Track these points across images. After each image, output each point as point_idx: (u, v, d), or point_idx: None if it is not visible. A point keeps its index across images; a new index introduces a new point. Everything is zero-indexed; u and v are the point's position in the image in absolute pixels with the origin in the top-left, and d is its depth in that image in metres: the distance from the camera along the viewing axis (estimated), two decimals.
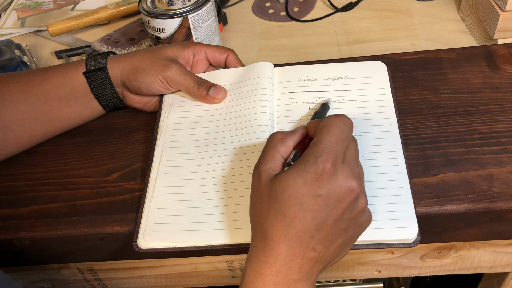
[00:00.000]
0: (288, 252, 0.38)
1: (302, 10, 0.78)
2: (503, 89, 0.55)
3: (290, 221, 0.38)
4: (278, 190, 0.39)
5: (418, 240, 0.43)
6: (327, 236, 0.39)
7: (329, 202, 0.38)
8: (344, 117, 0.42)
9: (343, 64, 0.57)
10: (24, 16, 0.87)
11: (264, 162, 0.41)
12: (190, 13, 0.62)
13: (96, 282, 0.62)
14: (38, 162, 0.56)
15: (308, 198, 0.38)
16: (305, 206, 0.38)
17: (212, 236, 0.46)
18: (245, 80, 0.56)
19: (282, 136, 0.43)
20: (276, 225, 0.38)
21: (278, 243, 0.38)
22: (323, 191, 0.38)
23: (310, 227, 0.38)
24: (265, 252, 0.39)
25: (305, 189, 0.38)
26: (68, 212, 0.51)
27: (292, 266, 0.38)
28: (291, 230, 0.38)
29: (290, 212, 0.38)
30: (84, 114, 0.58)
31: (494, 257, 0.56)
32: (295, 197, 0.38)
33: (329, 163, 0.38)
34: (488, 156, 0.49)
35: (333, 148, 0.39)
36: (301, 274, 0.39)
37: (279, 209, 0.38)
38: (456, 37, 0.68)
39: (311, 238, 0.38)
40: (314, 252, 0.39)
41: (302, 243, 0.38)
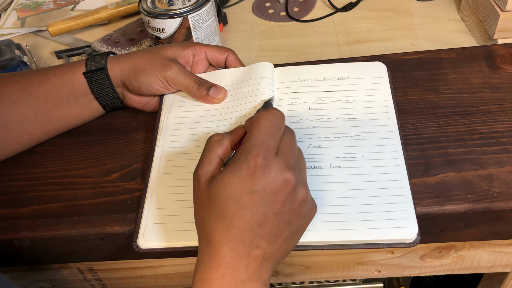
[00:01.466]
0: (232, 254, 0.38)
1: (302, 10, 0.78)
2: (503, 89, 0.55)
3: (230, 222, 0.38)
4: (215, 192, 0.38)
5: (418, 240, 0.43)
6: (270, 231, 0.38)
7: (266, 197, 0.38)
8: (274, 110, 0.42)
9: (343, 64, 0.57)
10: (24, 16, 0.87)
11: (202, 166, 0.41)
12: (190, 13, 0.62)
13: (96, 282, 0.62)
14: (38, 162, 0.56)
15: (244, 195, 0.37)
16: (242, 204, 0.37)
17: None
18: (245, 81, 0.56)
19: (219, 138, 0.43)
20: (218, 228, 0.38)
21: (221, 246, 0.38)
22: (258, 186, 0.38)
23: (250, 225, 0.38)
24: (210, 257, 0.38)
25: (240, 187, 0.38)
26: (68, 212, 0.51)
27: (238, 267, 0.38)
28: (232, 231, 0.38)
29: (229, 212, 0.38)
30: (84, 114, 0.58)
31: (494, 257, 0.56)
32: (232, 196, 0.38)
33: (260, 157, 0.38)
34: (488, 156, 0.49)
35: (264, 141, 0.39)
36: (249, 274, 0.38)
37: (218, 211, 0.38)
38: (456, 37, 0.68)
39: (254, 236, 0.38)
40: (259, 249, 0.38)
41: (245, 242, 0.38)
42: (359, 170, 0.48)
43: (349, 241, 0.44)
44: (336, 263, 0.59)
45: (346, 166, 0.48)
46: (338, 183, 0.47)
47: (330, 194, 0.46)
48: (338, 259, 0.58)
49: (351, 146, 0.49)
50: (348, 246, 0.44)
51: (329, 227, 0.44)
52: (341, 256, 0.57)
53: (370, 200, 0.45)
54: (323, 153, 0.49)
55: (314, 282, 0.91)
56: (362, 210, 0.45)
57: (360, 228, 0.44)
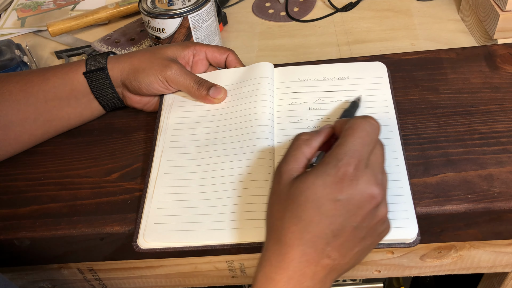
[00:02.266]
0: (302, 258, 0.37)
1: (302, 10, 0.78)
2: (503, 89, 0.55)
3: (305, 225, 0.36)
4: (297, 191, 0.37)
5: (418, 240, 0.43)
6: (344, 244, 0.37)
7: (349, 208, 0.36)
8: (371, 120, 0.40)
9: (343, 64, 0.57)
10: (24, 16, 0.87)
11: (286, 163, 0.40)
12: (190, 13, 0.62)
13: (96, 282, 0.62)
14: (38, 162, 0.56)
15: (326, 201, 0.36)
16: (322, 210, 0.36)
17: (212, 236, 0.46)
18: (245, 81, 0.56)
19: (307, 137, 0.41)
20: (291, 228, 0.37)
21: (292, 248, 0.37)
22: (342, 196, 0.36)
23: (326, 233, 0.36)
24: (278, 256, 0.37)
25: (324, 192, 0.36)
26: (68, 212, 0.51)
27: (305, 272, 0.37)
28: (306, 235, 0.37)
29: (307, 215, 0.36)
30: (84, 114, 0.58)
31: (494, 257, 0.56)
32: (313, 199, 0.36)
33: (351, 167, 0.37)
34: (488, 156, 0.49)
35: (357, 151, 0.38)
36: (315, 282, 0.37)
37: (295, 211, 0.37)
38: (456, 37, 0.68)
39: (327, 245, 0.37)
40: (329, 259, 0.37)
41: (317, 249, 0.37)
42: None
43: None
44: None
45: None
46: None
47: None
48: None
49: None
50: None
51: None
52: None
53: None
54: None
55: None
56: None
57: None
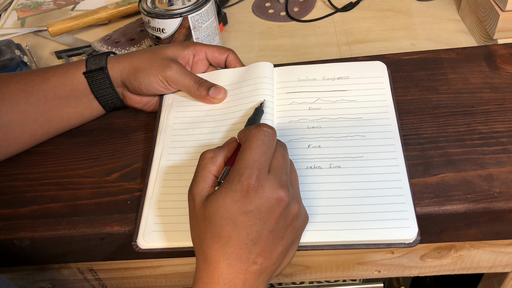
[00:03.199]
0: (230, 270, 0.39)
1: (302, 10, 0.78)
2: (503, 89, 0.55)
3: (226, 241, 0.39)
4: (211, 212, 0.39)
5: (418, 240, 0.43)
6: (266, 247, 0.39)
7: (260, 216, 0.39)
8: (264, 128, 0.42)
9: (343, 64, 0.57)
10: (24, 16, 0.87)
11: (196, 184, 0.42)
12: (190, 13, 0.62)
13: (96, 282, 0.62)
14: (38, 162, 0.56)
15: (239, 215, 0.38)
16: (238, 224, 0.38)
17: None
18: (245, 80, 0.56)
19: (211, 155, 0.43)
20: (214, 246, 0.39)
21: (218, 263, 0.39)
22: (252, 207, 0.38)
23: (246, 243, 0.39)
24: (207, 273, 0.39)
25: (235, 207, 0.38)
26: (68, 212, 0.51)
27: (236, 282, 0.39)
28: (228, 249, 0.39)
29: (225, 232, 0.38)
30: (84, 114, 0.58)
31: (494, 257, 0.56)
32: (227, 217, 0.38)
33: (253, 178, 0.39)
34: (488, 156, 0.49)
35: (256, 162, 0.39)
36: None
37: (214, 231, 0.39)
38: (456, 37, 0.68)
39: (250, 253, 0.39)
40: (256, 265, 0.39)
41: (241, 259, 0.39)
42: (359, 170, 0.48)
43: (349, 241, 0.44)
44: (336, 263, 0.59)
45: (346, 166, 0.48)
46: (338, 183, 0.47)
47: (330, 194, 0.46)
48: (338, 259, 0.58)
49: (351, 146, 0.49)
50: (348, 246, 0.44)
51: (329, 227, 0.44)
52: (341, 256, 0.57)
53: (370, 200, 0.45)
54: (323, 153, 0.49)
55: (314, 282, 0.91)
56: (362, 210, 0.45)
57: (360, 228, 0.44)
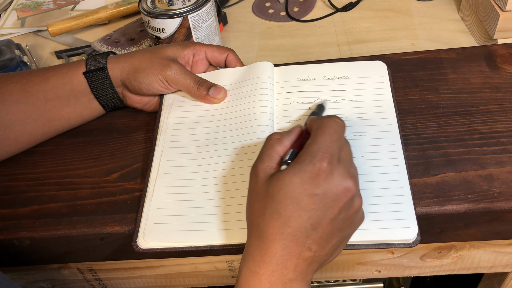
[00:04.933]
0: (284, 251, 0.38)
1: (302, 10, 0.78)
2: (503, 89, 0.55)
3: (286, 220, 0.38)
4: (275, 189, 0.39)
5: (418, 240, 0.43)
6: (323, 236, 0.39)
7: (326, 201, 0.38)
8: (337, 118, 0.42)
9: (343, 64, 0.57)
10: (24, 16, 0.87)
11: (262, 161, 0.41)
12: (190, 13, 0.62)
13: (96, 282, 0.62)
14: (38, 162, 0.56)
15: (304, 197, 0.38)
16: (301, 205, 0.38)
17: (212, 236, 0.46)
18: (245, 80, 0.56)
19: (279, 136, 0.43)
20: (272, 224, 0.38)
21: (274, 242, 0.38)
22: (319, 190, 0.38)
23: (306, 226, 0.38)
24: (260, 251, 0.39)
25: (301, 188, 0.38)
26: (68, 212, 0.51)
27: (287, 265, 0.38)
28: (287, 229, 0.38)
29: (286, 211, 0.38)
30: (84, 114, 0.58)
31: (494, 257, 0.56)
32: (292, 196, 0.38)
33: (325, 162, 0.38)
34: (488, 156, 0.49)
35: (329, 147, 0.39)
36: (297, 274, 0.39)
37: (275, 208, 0.38)
38: (456, 37, 0.68)
39: (307, 238, 0.38)
40: (310, 251, 0.39)
41: (298, 242, 0.38)
42: (359, 170, 0.47)
43: (349, 241, 0.44)
44: (336, 263, 0.59)
45: None
46: None
47: None
48: (338, 259, 0.58)
49: (351, 146, 0.49)
50: (348, 246, 0.44)
51: None
52: (341, 256, 0.57)
53: (370, 200, 0.45)
54: None
55: (314, 282, 0.91)
56: None
57: (360, 228, 0.44)
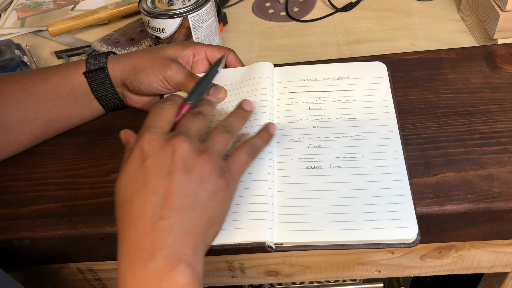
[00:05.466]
0: (136, 234, 0.36)
1: (302, 10, 0.78)
2: (503, 89, 0.55)
3: (130, 201, 0.37)
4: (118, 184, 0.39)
5: (418, 240, 0.43)
6: (170, 197, 0.37)
7: (155, 163, 0.38)
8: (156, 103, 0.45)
9: (343, 64, 0.57)
10: (24, 16, 0.87)
11: None
12: (190, 13, 0.62)
13: (96, 282, 0.62)
14: (38, 162, 0.56)
15: (138, 172, 0.38)
16: (138, 179, 0.38)
17: None
18: (245, 80, 0.56)
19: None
20: (122, 214, 0.38)
21: (126, 230, 0.36)
22: (146, 157, 0.38)
23: (146, 196, 0.37)
24: (120, 248, 0.37)
25: (132, 166, 0.39)
26: (68, 212, 0.51)
27: (145, 247, 0.35)
28: (133, 209, 0.37)
29: (128, 193, 0.38)
30: (84, 114, 0.58)
31: (494, 257, 0.56)
32: (129, 177, 0.38)
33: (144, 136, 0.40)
34: (488, 156, 0.49)
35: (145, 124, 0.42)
36: (159, 251, 0.35)
37: (122, 197, 0.38)
38: (456, 37, 0.68)
39: (154, 206, 0.36)
40: (163, 219, 0.36)
41: (146, 216, 0.36)
42: (359, 170, 0.48)
43: (349, 241, 0.44)
44: (336, 263, 0.59)
45: (346, 166, 0.48)
46: (338, 183, 0.47)
47: (330, 194, 0.46)
48: (338, 259, 0.58)
49: (351, 146, 0.49)
50: (348, 246, 0.44)
51: (329, 227, 0.44)
52: (341, 256, 0.57)
53: (370, 200, 0.45)
54: (323, 153, 0.49)
55: (314, 282, 0.91)
56: (362, 210, 0.45)
57: (360, 228, 0.44)
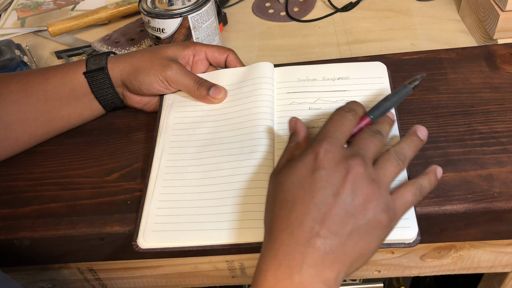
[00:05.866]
0: (290, 240, 0.35)
1: (302, 10, 0.78)
2: (503, 89, 0.55)
3: (291, 205, 0.37)
4: (282, 179, 0.39)
5: (418, 240, 0.43)
6: (332, 218, 0.36)
7: (328, 179, 0.37)
8: (342, 111, 0.43)
9: (343, 64, 0.57)
10: (24, 16, 0.87)
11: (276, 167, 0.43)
12: (190, 13, 0.62)
13: (96, 282, 0.62)
14: (38, 162, 0.56)
15: (307, 178, 0.37)
16: (304, 187, 0.37)
17: (212, 236, 0.46)
18: (245, 81, 0.56)
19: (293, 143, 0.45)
20: (280, 213, 0.37)
21: (280, 232, 0.36)
22: (321, 167, 0.37)
23: (310, 207, 0.36)
24: (268, 246, 0.37)
25: (304, 169, 0.38)
26: (68, 212, 0.51)
27: (294, 256, 0.35)
28: (292, 215, 0.36)
29: (291, 195, 0.37)
30: (84, 114, 0.58)
31: (494, 257, 0.56)
32: (296, 180, 0.38)
33: (324, 142, 0.39)
34: (488, 156, 0.49)
35: (328, 131, 0.40)
36: (307, 266, 0.35)
37: (282, 197, 0.38)
38: (456, 37, 0.68)
39: (313, 221, 0.36)
40: (319, 237, 0.35)
41: (303, 227, 0.36)
42: None
43: None
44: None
45: None
46: None
47: None
48: None
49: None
50: None
51: None
52: None
53: None
54: None
55: None
56: None
57: None
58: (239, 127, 0.52)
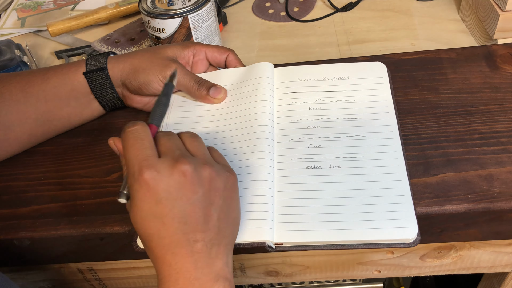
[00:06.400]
0: (176, 259, 0.38)
1: (302, 10, 0.78)
2: (503, 89, 0.55)
3: (157, 236, 0.38)
4: (135, 224, 0.39)
5: (418, 240, 0.43)
6: (198, 220, 0.39)
7: (173, 196, 0.38)
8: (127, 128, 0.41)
9: (343, 64, 0.57)
10: (24, 16, 0.87)
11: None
12: (190, 13, 0.62)
13: (96, 282, 0.62)
14: (38, 162, 0.56)
15: (155, 208, 0.38)
16: (158, 216, 0.38)
17: None
18: (245, 81, 0.56)
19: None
20: (152, 245, 0.39)
21: (164, 258, 0.38)
22: (161, 194, 0.38)
23: (176, 227, 0.38)
24: (159, 273, 0.39)
25: (146, 205, 0.38)
26: (68, 212, 0.51)
27: (187, 267, 0.38)
28: (164, 241, 0.38)
29: (151, 229, 0.38)
30: (84, 114, 0.58)
31: (494, 257, 0.56)
32: (145, 216, 0.38)
33: (144, 171, 0.38)
34: (488, 156, 0.49)
35: (137, 156, 0.39)
36: (201, 269, 0.38)
37: (144, 234, 0.39)
38: (456, 37, 0.68)
39: (186, 234, 0.38)
40: (198, 242, 0.38)
41: (181, 244, 0.38)
42: (359, 170, 0.48)
43: (349, 241, 0.44)
44: (336, 263, 0.59)
45: (346, 166, 0.48)
46: (338, 183, 0.47)
47: (330, 194, 0.46)
48: (338, 259, 0.58)
49: (351, 146, 0.49)
50: (348, 246, 0.44)
51: (329, 227, 0.44)
52: (341, 256, 0.57)
53: (370, 200, 0.45)
54: (323, 153, 0.49)
55: (314, 282, 0.91)
56: (362, 210, 0.45)
57: (360, 228, 0.44)
58: (239, 128, 0.52)
